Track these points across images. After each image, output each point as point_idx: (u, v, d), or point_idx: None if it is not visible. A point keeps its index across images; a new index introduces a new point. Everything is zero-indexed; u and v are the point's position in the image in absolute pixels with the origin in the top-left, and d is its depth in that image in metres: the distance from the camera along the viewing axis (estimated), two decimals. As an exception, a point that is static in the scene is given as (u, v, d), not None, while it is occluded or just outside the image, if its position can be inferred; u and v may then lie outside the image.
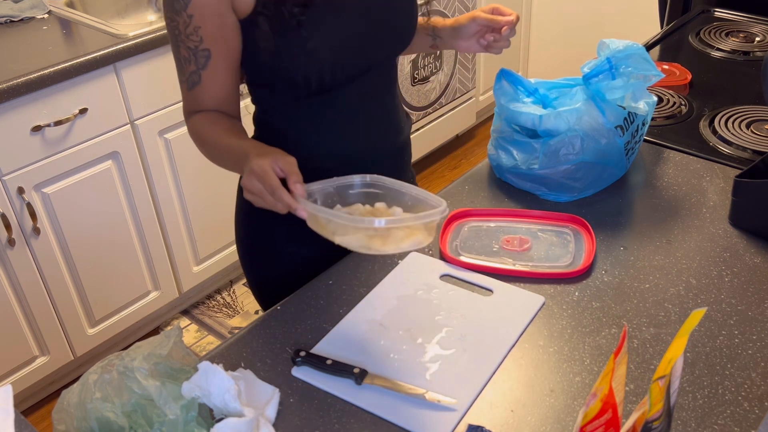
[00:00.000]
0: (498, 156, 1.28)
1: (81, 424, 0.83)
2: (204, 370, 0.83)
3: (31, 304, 1.99)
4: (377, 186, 1.00)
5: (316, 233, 0.93)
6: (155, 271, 2.28)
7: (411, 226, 0.90)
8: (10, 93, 1.75)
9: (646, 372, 0.91)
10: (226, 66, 1.07)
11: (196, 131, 1.11)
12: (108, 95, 1.96)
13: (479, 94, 3.33)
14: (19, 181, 1.86)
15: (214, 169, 2.46)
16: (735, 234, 1.14)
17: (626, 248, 1.12)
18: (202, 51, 1.05)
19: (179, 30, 1.04)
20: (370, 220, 0.87)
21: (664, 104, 1.51)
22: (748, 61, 1.71)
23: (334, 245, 0.92)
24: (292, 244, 1.21)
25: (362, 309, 1.03)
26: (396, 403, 0.88)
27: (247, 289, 2.62)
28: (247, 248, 1.29)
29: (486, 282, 1.07)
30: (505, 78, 1.27)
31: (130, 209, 2.13)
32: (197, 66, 1.07)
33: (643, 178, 1.29)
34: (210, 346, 2.37)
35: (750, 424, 0.84)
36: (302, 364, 0.94)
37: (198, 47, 1.04)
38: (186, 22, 1.03)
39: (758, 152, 1.33)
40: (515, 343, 0.97)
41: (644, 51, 1.18)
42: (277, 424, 0.87)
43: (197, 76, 1.07)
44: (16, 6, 2.11)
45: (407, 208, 0.96)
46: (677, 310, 1.00)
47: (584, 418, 0.70)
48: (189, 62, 1.06)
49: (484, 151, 3.37)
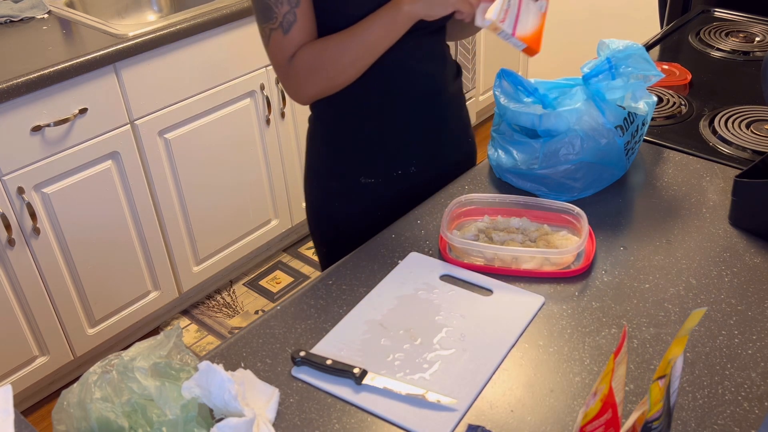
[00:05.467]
0: (498, 156, 1.28)
1: (81, 424, 0.83)
2: (204, 370, 0.83)
3: (31, 304, 1.99)
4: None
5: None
6: (155, 271, 2.28)
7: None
8: (10, 93, 1.75)
9: (646, 372, 0.91)
10: (309, 1, 1.11)
11: (313, 56, 1.13)
12: (108, 95, 1.96)
13: (479, 94, 3.33)
14: (19, 181, 1.86)
15: (214, 169, 2.47)
16: (735, 234, 1.14)
17: (626, 248, 1.12)
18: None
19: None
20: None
21: (664, 104, 1.51)
22: (748, 61, 1.71)
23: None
24: (368, 179, 1.29)
25: (362, 309, 1.03)
26: (396, 403, 0.88)
27: (248, 289, 2.62)
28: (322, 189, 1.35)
29: (486, 282, 1.07)
30: (505, 78, 1.27)
31: (130, 209, 2.14)
32: (290, 5, 1.10)
33: (643, 178, 1.29)
34: (210, 346, 2.37)
35: (750, 424, 0.84)
36: (302, 364, 0.94)
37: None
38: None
39: (758, 152, 1.32)
40: (515, 343, 0.97)
41: (644, 51, 1.18)
42: (277, 424, 0.87)
43: (292, 15, 1.10)
44: (16, 6, 2.11)
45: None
46: (677, 310, 1.00)
47: (584, 418, 0.70)
48: (281, 4, 1.09)
49: (484, 151, 3.36)
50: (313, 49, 1.13)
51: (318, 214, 1.38)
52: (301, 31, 1.12)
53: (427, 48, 1.24)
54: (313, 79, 1.15)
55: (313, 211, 1.39)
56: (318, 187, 1.35)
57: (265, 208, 2.55)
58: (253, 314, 2.51)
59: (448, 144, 1.36)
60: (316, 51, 1.13)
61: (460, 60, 3.04)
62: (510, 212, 1.18)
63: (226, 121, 2.29)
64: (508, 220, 1.17)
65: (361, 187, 1.31)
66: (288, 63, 1.15)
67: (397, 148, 1.29)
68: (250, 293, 2.61)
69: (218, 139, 2.29)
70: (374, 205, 1.31)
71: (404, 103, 1.26)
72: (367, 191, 1.31)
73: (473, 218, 1.19)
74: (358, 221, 1.32)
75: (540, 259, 1.08)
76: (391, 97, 1.25)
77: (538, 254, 1.08)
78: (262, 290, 2.62)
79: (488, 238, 1.14)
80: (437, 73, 1.29)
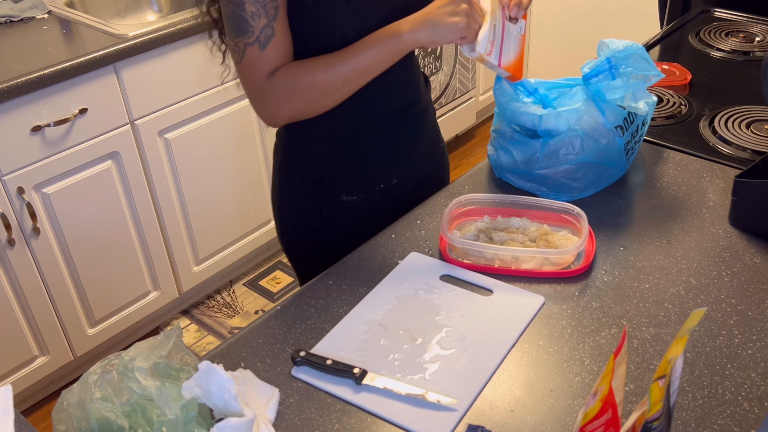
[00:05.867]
0: (498, 156, 1.28)
1: (81, 424, 0.83)
2: (204, 370, 0.83)
3: (31, 304, 1.99)
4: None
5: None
6: (155, 271, 2.28)
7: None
8: (10, 93, 1.75)
9: (646, 372, 0.91)
10: (286, 18, 1.06)
11: (296, 78, 1.07)
12: (108, 95, 1.96)
13: (479, 94, 3.33)
14: (19, 181, 1.86)
15: (214, 169, 2.47)
16: (735, 234, 1.14)
17: (626, 248, 1.12)
18: (271, 1, 1.02)
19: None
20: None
21: (664, 104, 1.51)
22: (748, 61, 1.71)
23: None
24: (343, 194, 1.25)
25: (362, 309, 1.03)
26: (396, 403, 0.88)
27: (248, 289, 2.62)
28: (289, 215, 1.31)
29: (486, 282, 1.07)
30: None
31: (130, 209, 2.14)
32: (268, 18, 1.03)
33: (643, 178, 1.29)
34: (210, 346, 2.37)
35: (750, 424, 0.84)
36: (302, 364, 0.94)
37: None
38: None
39: (758, 152, 1.32)
40: (515, 343, 0.97)
41: (644, 51, 1.18)
42: (277, 424, 0.87)
43: (270, 29, 1.04)
44: (16, 6, 2.11)
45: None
46: (677, 310, 1.00)
47: (584, 418, 0.70)
48: (258, 17, 1.02)
49: (484, 151, 3.37)
50: (296, 70, 1.07)
51: (296, 235, 1.33)
52: (278, 47, 1.05)
53: (401, 61, 1.17)
54: (292, 102, 1.08)
55: (290, 231, 1.33)
56: (295, 208, 1.29)
57: (265, 208, 2.55)
58: (253, 314, 2.51)
59: (423, 152, 1.34)
60: (300, 72, 1.06)
61: (460, 60, 3.05)
62: (510, 212, 1.18)
63: (226, 121, 2.29)
64: (508, 220, 1.17)
65: (343, 205, 1.26)
66: (264, 82, 1.07)
67: (378, 163, 1.26)
68: (250, 293, 2.61)
69: (218, 139, 2.29)
70: (358, 220, 1.27)
71: (381, 117, 1.23)
72: (350, 208, 1.26)
73: (473, 218, 1.19)
74: (341, 237, 1.27)
75: (540, 259, 1.08)
76: (367, 113, 1.21)
77: (538, 254, 1.08)
78: (262, 290, 2.62)
79: (488, 238, 1.14)
80: (411, 85, 1.27)
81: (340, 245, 1.20)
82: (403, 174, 1.29)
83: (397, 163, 1.28)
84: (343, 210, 1.27)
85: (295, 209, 1.30)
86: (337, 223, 1.28)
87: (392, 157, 1.27)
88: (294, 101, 1.08)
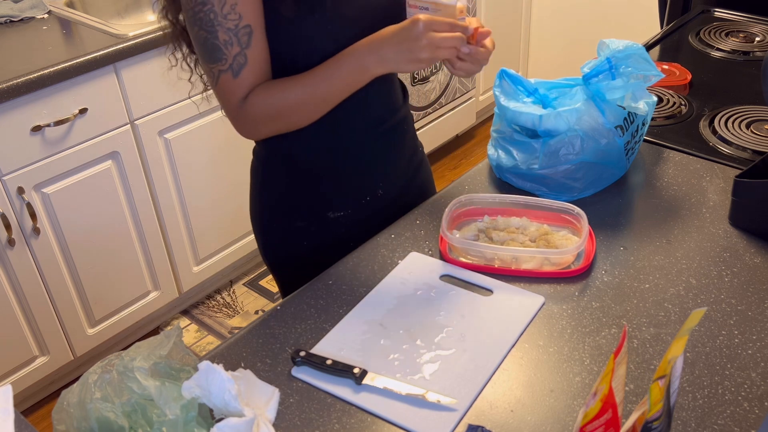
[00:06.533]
0: (498, 156, 1.28)
1: (81, 424, 0.83)
2: (204, 370, 0.83)
3: (31, 304, 1.99)
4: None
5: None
6: (155, 271, 2.28)
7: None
8: (10, 93, 1.75)
9: (646, 372, 0.91)
10: (263, 37, 1.04)
11: (266, 103, 1.05)
12: (108, 95, 1.96)
13: (479, 94, 3.33)
14: (19, 181, 1.86)
15: (214, 169, 2.47)
16: (735, 234, 1.14)
17: (626, 248, 1.12)
18: (243, 28, 1.01)
19: (215, 13, 0.99)
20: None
21: (664, 104, 1.51)
22: (748, 61, 1.71)
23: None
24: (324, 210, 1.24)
25: (362, 309, 1.03)
26: (396, 403, 0.88)
27: (248, 289, 2.62)
28: (268, 226, 1.29)
29: (486, 282, 1.07)
30: (505, 78, 1.27)
31: (130, 209, 2.14)
32: (241, 46, 1.02)
33: (643, 178, 1.29)
34: (210, 346, 2.37)
35: (750, 424, 0.84)
36: (302, 364, 0.94)
37: (238, 25, 1.00)
38: (222, 2, 0.99)
39: (758, 152, 1.33)
40: (515, 343, 0.97)
41: (644, 51, 1.18)
42: (277, 424, 0.87)
43: (243, 57, 1.02)
44: (16, 6, 2.11)
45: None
46: (677, 310, 1.00)
47: (584, 418, 0.70)
48: (230, 45, 1.01)
49: (484, 151, 3.37)
50: (270, 92, 1.06)
51: (282, 252, 1.30)
52: (252, 73, 1.04)
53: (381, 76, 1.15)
54: (267, 123, 1.09)
55: (274, 249, 1.31)
56: (279, 226, 1.27)
57: (265, 208, 2.54)
58: (253, 314, 2.51)
59: (406, 159, 1.32)
60: (275, 94, 1.06)
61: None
62: (510, 212, 1.18)
63: (227, 121, 2.27)
64: (508, 220, 1.17)
65: (330, 222, 1.24)
66: (239, 106, 1.07)
67: (362, 174, 1.24)
68: (250, 293, 2.61)
69: (218, 139, 2.29)
70: (346, 234, 1.25)
71: (362, 130, 1.21)
72: (337, 224, 1.25)
73: (473, 218, 1.19)
74: (328, 251, 1.24)
75: (540, 259, 1.08)
76: (347, 125, 1.19)
77: (538, 254, 1.08)
78: (262, 290, 2.62)
79: (488, 238, 1.14)
80: (390, 97, 1.25)
81: (328, 257, 1.17)
82: (387, 183, 1.27)
83: (381, 173, 1.26)
84: (331, 226, 1.25)
85: (281, 228, 1.27)
86: (326, 239, 1.26)
87: (376, 166, 1.25)
88: (270, 123, 1.09)
